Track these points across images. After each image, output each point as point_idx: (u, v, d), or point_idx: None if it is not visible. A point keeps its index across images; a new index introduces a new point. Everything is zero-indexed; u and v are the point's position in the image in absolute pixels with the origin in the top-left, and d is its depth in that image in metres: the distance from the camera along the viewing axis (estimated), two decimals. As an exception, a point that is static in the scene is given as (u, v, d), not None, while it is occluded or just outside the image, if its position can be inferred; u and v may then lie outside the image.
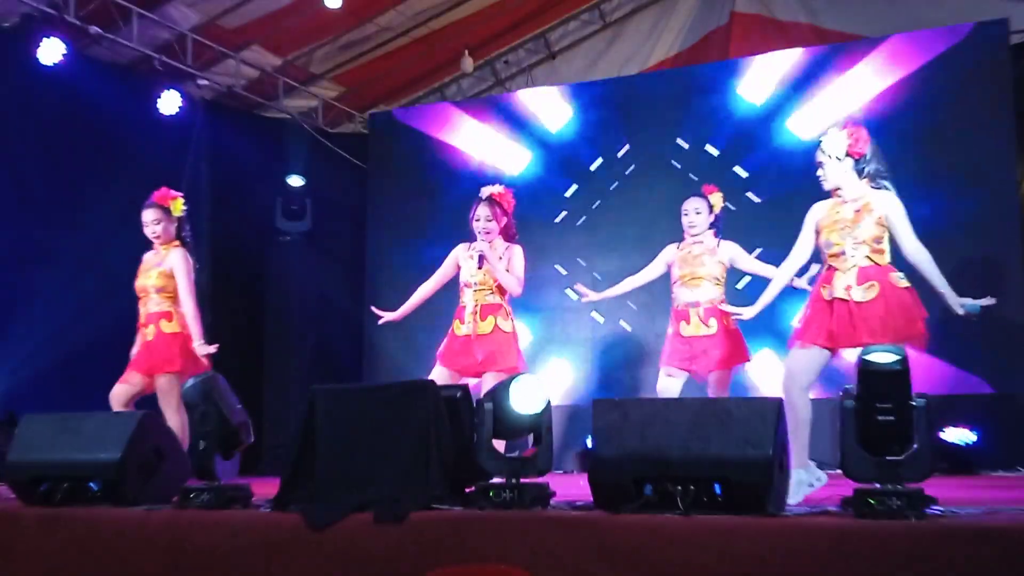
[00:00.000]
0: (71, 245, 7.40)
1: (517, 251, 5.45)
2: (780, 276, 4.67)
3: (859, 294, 4.27)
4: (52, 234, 7.34)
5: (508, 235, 5.51)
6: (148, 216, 5.53)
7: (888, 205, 4.34)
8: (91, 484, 3.93)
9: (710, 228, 5.54)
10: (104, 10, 7.31)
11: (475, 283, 5.41)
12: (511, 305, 5.47)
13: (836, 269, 4.36)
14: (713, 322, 5.34)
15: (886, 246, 4.36)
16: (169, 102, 7.82)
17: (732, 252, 5.53)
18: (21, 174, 7.22)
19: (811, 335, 4.36)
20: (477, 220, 5.40)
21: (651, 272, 5.69)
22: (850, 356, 4.33)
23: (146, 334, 5.44)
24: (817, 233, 4.46)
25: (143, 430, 4.02)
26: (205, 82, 8.35)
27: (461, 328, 5.36)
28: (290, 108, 9.21)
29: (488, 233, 5.39)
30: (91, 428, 4.03)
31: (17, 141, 7.20)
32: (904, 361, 2.99)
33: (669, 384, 5.44)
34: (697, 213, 5.51)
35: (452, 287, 5.66)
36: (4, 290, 6.98)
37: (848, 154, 4.38)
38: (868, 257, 4.32)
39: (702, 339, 5.34)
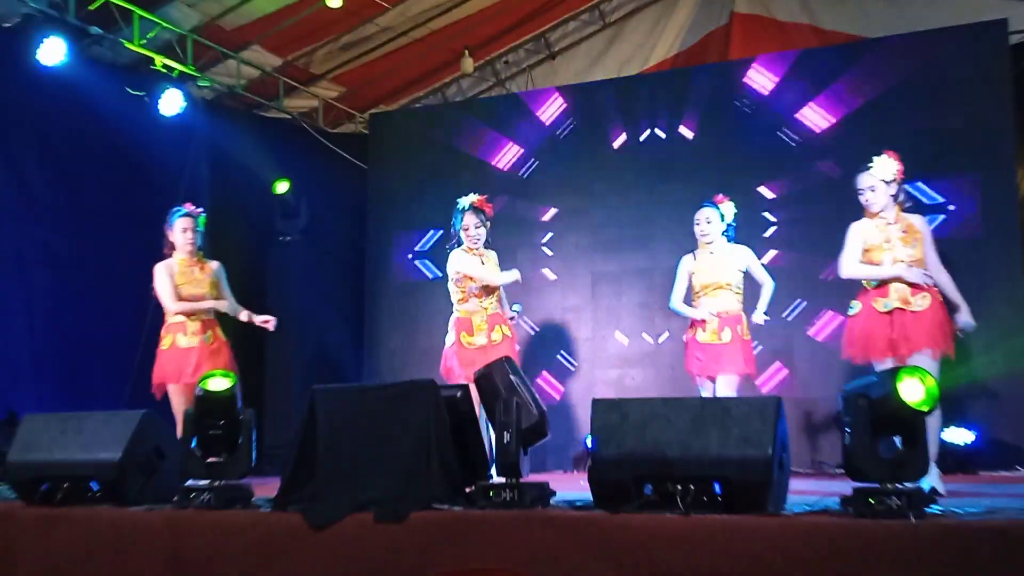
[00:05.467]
0: (71, 244, 7.39)
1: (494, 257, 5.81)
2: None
3: (917, 302, 4.82)
4: (52, 234, 7.33)
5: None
6: (188, 223, 5.74)
7: (924, 228, 4.99)
8: (91, 484, 3.94)
9: (723, 235, 5.73)
10: (104, 10, 7.30)
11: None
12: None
13: (889, 284, 4.89)
14: (727, 332, 5.60)
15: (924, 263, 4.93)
16: (169, 102, 7.81)
17: (747, 258, 5.77)
18: (21, 174, 7.21)
19: (877, 350, 4.86)
20: (466, 229, 5.66)
21: (681, 287, 5.83)
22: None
23: (206, 339, 5.62)
24: (864, 251, 4.98)
25: (143, 430, 4.02)
26: (206, 83, 8.34)
27: (471, 339, 5.56)
28: (290, 108, 9.20)
29: (479, 240, 5.64)
30: (91, 428, 4.04)
31: (18, 141, 7.19)
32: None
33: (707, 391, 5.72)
34: (708, 222, 5.71)
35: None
36: (4, 290, 6.97)
37: (895, 179, 4.97)
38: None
39: (715, 346, 5.60)
